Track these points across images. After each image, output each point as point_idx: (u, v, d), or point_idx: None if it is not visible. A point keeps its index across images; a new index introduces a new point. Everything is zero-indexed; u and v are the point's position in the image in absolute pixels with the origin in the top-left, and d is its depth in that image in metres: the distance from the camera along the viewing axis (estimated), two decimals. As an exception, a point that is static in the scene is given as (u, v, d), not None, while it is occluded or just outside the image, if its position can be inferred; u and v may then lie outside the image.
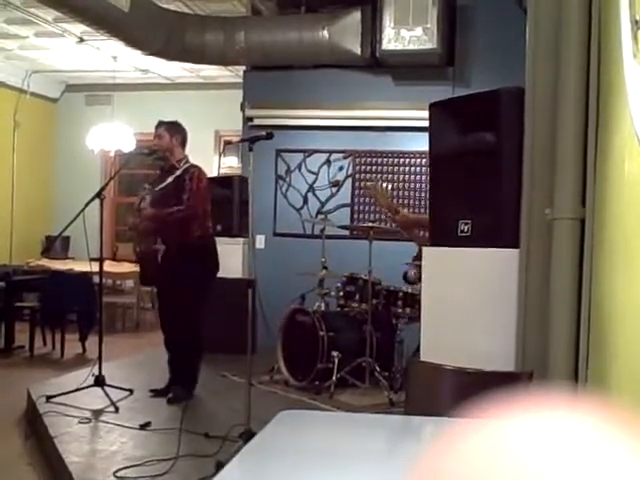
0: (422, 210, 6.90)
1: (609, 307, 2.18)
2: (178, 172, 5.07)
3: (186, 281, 4.91)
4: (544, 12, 2.86)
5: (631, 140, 1.74)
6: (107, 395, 4.87)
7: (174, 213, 4.94)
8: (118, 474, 3.61)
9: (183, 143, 5.21)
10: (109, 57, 9.02)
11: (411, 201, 7.15)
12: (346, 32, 6.81)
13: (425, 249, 3.47)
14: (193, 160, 5.27)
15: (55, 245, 9.07)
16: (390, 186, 6.91)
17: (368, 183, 6.38)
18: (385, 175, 7.22)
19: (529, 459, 0.42)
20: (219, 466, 3.28)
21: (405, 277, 5.26)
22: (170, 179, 5.04)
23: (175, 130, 5.18)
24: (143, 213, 5.08)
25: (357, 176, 7.33)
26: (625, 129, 1.88)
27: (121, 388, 5.10)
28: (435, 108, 3.57)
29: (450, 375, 2.36)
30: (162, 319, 5.30)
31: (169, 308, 5.17)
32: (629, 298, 1.90)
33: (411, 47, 6.45)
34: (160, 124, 5.21)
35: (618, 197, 2.09)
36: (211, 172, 8.99)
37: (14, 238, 10.04)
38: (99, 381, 4.98)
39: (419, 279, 4.27)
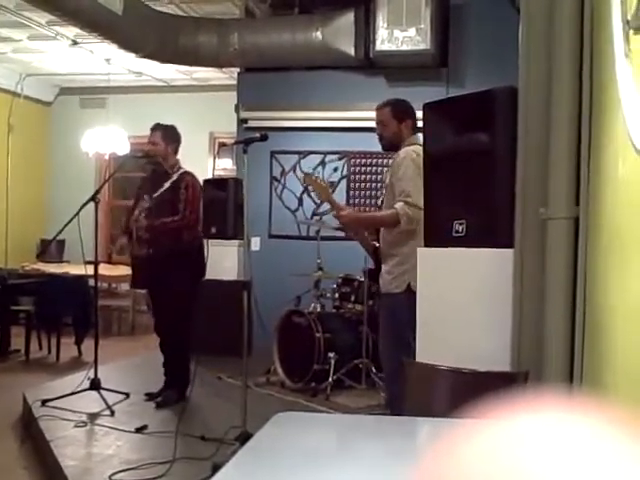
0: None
1: (604, 306, 2.18)
2: (173, 178, 5.07)
3: (174, 284, 4.93)
4: (537, 11, 2.86)
5: (624, 139, 1.74)
6: (103, 398, 4.87)
7: (169, 224, 4.97)
8: (114, 477, 3.61)
9: (177, 150, 5.23)
10: (103, 60, 9.01)
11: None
12: (339, 33, 6.81)
13: (419, 249, 3.47)
14: (188, 162, 5.28)
15: (50, 248, 9.05)
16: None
17: (304, 173, 6.21)
18: (380, 176, 7.22)
19: (525, 460, 0.41)
20: (215, 469, 3.28)
21: None
22: (166, 185, 5.05)
23: (171, 138, 5.19)
24: (139, 225, 5.06)
25: (352, 177, 7.34)
26: (618, 128, 1.89)
27: (117, 391, 5.09)
28: (428, 108, 3.57)
29: (446, 375, 2.36)
30: (156, 322, 5.32)
31: (161, 311, 5.19)
32: (623, 297, 1.90)
33: (404, 48, 6.45)
34: (156, 127, 5.20)
35: (612, 196, 2.09)
36: (206, 174, 8.98)
37: (9, 241, 10.01)
38: (95, 385, 4.97)
39: None
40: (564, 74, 2.64)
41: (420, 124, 3.91)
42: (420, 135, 4.01)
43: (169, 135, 5.18)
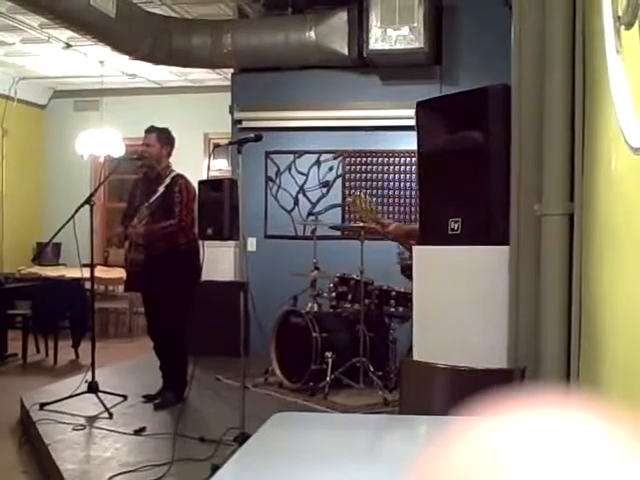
0: (410, 209, 6.91)
1: (599, 302, 2.19)
2: (166, 182, 5.07)
3: (170, 287, 4.93)
4: (529, 9, 2.87)
5: (616, 136, 1.75)
6: (101, 401, 4.86)
7: (167, 227, 4.97)
8: (113, 480, 3.60)
9: (171, 152, 5.23)
10: (96, 62, 9.00)
11: (401, 200, 7.16)
12: (333, 32, 6.81)
13: (415, 248, 3.48)
14: (183, 163, 5.28)
15: (46, 252, 9.03)
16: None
17: (348, 199, 6.34)
18: (375, 174, 7.23)
19: (522, 456, 0.42)
20: (214, 470, 3.28)
21: (404, 271, 5.16)
22: (161, 190, 5.04)
23: (166, 140, 5.18)
24: (136, 230, 5.03)
25: (347, 176, 7.34)
26: (611, 125, 1.89)
27: (115, 394, 5.09)
28: (422, 107, 3.57)
29: (443, 373, 2.37)
30: (149, 325, 5.31)
31: (155, 314, 5.18)
32: (618, 293, 1.91)
33: (398, 46, 6.46)
34: (151, 130, 5.19)
35: (606, 192, 2.10)
36: (201, 175, 8.97)
37: (5, 245, 10.00)
38: (92, 387, 4.97)
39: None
40: (557, 71, 2.65)
41: (411, 122, 3.92)
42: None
43: (163, 137, 5.17)
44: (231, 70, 7.73)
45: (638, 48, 1.58)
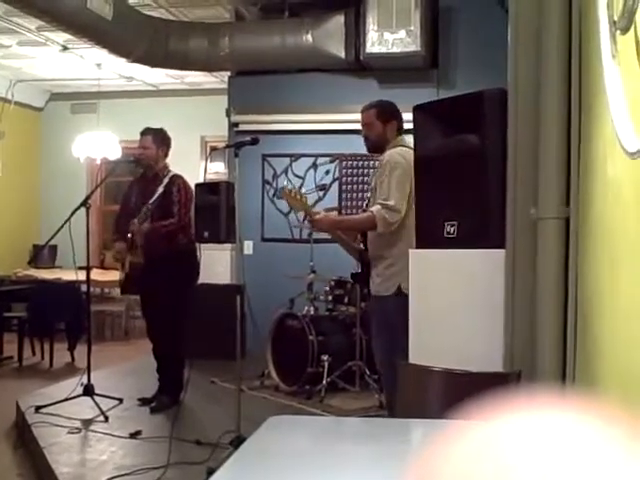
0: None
1: (595, 305, 2.19)
2: (165, 182, 5.07)
3: (169, 287, 4.93)
4: (525, 13, 2.87)
5: (612, 140, 1.75)
6: (96, 404, 4.85)
7: (168, 226, 4.97)
8: (109, 483, 3.60)
9: (167, 153, 5.23)
10: (93, 65, 8.99)
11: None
12: (330, 36, 6.82)
13: (411, 251, 3.47)
14: (179, 166, 5.28)
15: (42, 254, 9.03)
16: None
17: (282, 187, 6.36)
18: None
19: (519, 459, 0.42)
20: (210, 473, 3.27)
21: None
22: (160, 190, 5.04)
23: (162, 141, 5.18)
24: (137, 231, 5.02)
25: (343, 179, 7.34)
26: (606, 129, 1.90)
27: (110, 397, 5.08)
28: (419, 110, 3.58)
29: (439, 377, 2.37)
30: (148, 327, 5.32)
31: (153, 315, 5.18)
32: (614, 296, 1.91)
33: (395, 50, 6.47)
34: (146, 132, 5.19)
35: (602, 196, 2.10)
36: (197, 178, 8.94)
37: (0, 248, 9.98)
38: (88, 390, 4.96)
39: None
40: (553, 75, 2.66)
41: (408, 126, 3.93)
42: (406, 137, 4.02)
43: (159, 138, 5.18)
44: (228, 73, 7.74)
45: (634, 53, 1.58)
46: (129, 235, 5.05)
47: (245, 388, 5.16)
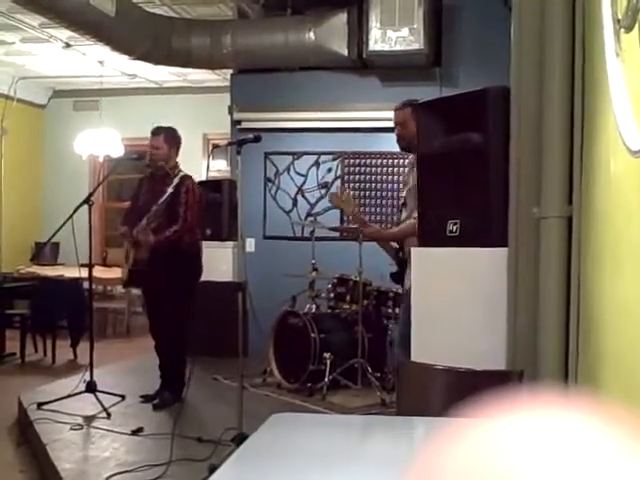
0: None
1: (597, 304, 2.19)
2: (175, 182, 5.04)
3: (172, 285, 4.93)
4: (529, 11, 2.87)
5: (615, 138, 1.75)
6: (99, 401, 4.86)
7: (172, 236, 4.94)
8: (111, 480, 3.60)
9: (178, 151, 5.23)
10: (96, 62, 9.00)
11: (400, 201, 7.15)
12: (332, 34, 6.81)
13: (414, 249, 3.48)
14: (182, 164, 5.27)
15: (45, 251, 9.04)
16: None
17: (330, 192, 6.39)
18: (374, 176, 7.23)
19: (521, 458, 0.42)
20: (212, 470, 3.28)
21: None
22: (169, 190, 5.02)
23: (173, 140, 5.17)
24: (145, 239, 5.00)
25: (346, 177, 7.34)
26: (609, 127, 1.90)
27: (113, 394, 5.09)
28: (421, 108, 3.58)
29: (441, 375, 2.37)
30: (151, 324, 5.32)
31: (156, 312, 5.19)
32: (616, 295, 1.91)
33: (398, 48, 6.46)
34: (158, 131, 5.15)
35: (605, 195, 2.10)
36: (200, 176, 8.97)
37: (3, 245, 9.99)
38: (90, 387, 4.96)
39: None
40: (556, 73, 2.66)
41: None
42: None
43: (170, 137, 5.16)
44: (230, 71, 7.73)
45: (638, 51, 1.58)
46: (134, 236, 5.05)
47: (247, 385, 5.17)
